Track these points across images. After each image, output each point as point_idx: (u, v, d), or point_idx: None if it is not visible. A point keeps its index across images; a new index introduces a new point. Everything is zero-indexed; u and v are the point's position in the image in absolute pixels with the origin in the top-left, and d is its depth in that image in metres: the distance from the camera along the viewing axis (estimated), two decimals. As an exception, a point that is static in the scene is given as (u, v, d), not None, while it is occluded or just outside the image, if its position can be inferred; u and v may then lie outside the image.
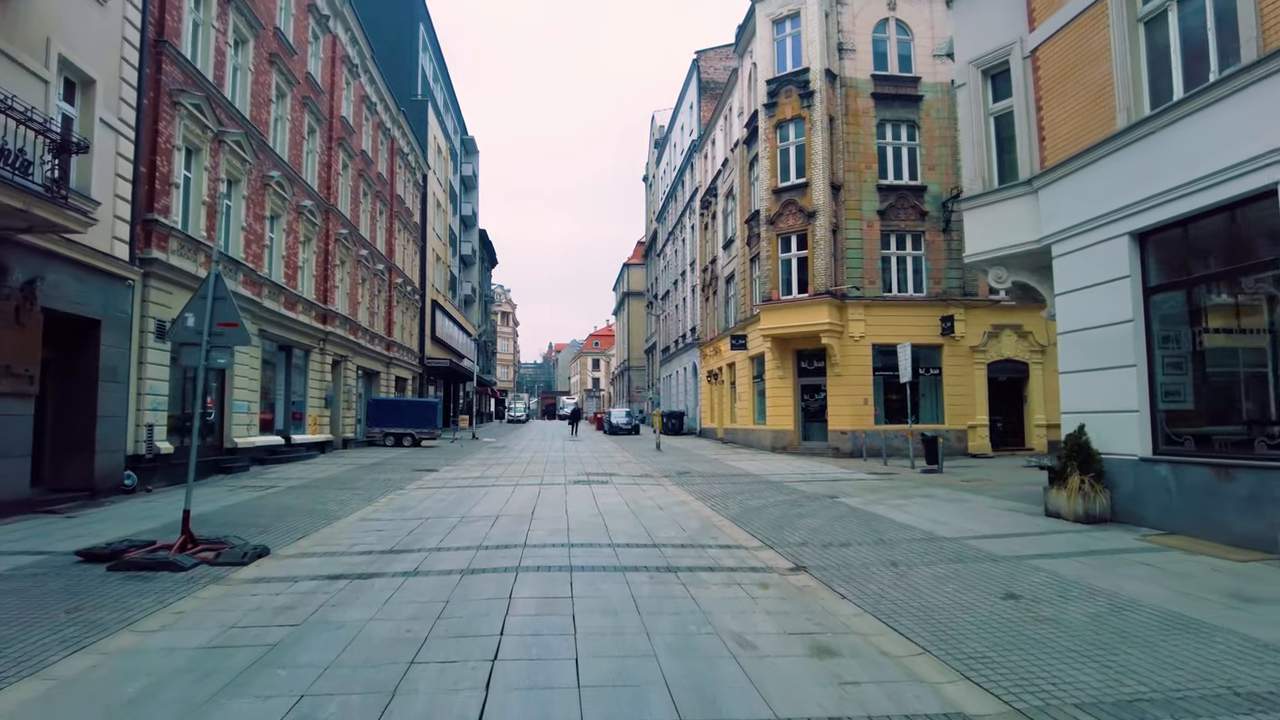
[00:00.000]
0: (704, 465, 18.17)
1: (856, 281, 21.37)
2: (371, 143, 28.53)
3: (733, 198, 27.68)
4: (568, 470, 16.96)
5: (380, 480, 14.64)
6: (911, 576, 6.30)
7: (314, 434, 21.74)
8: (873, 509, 10.35)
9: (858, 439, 20.85)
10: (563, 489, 13.06)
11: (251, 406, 17.27)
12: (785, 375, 22.09)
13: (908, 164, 22.43)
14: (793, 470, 16.58)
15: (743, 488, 13.15)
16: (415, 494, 12.41)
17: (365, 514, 10.14)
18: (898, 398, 21.84)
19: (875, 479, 14.79)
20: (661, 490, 12.90)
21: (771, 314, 21.68)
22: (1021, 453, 21.62)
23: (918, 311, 21.73)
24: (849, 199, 21.84)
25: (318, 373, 22.14)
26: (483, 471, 16.69)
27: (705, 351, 32.82)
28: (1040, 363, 22.05)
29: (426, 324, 38.31)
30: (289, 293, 19.68)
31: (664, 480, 14.65)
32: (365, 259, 27.02)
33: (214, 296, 7.46)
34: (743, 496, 11.87)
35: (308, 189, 21.22)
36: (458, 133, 56.25)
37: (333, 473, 16.23)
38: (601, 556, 7.07)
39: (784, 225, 21.75)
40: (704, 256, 33.34)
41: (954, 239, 22.01)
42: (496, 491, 12.71)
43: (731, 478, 15.06)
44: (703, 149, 33.96)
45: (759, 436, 23.94)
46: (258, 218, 17.77)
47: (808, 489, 12.90)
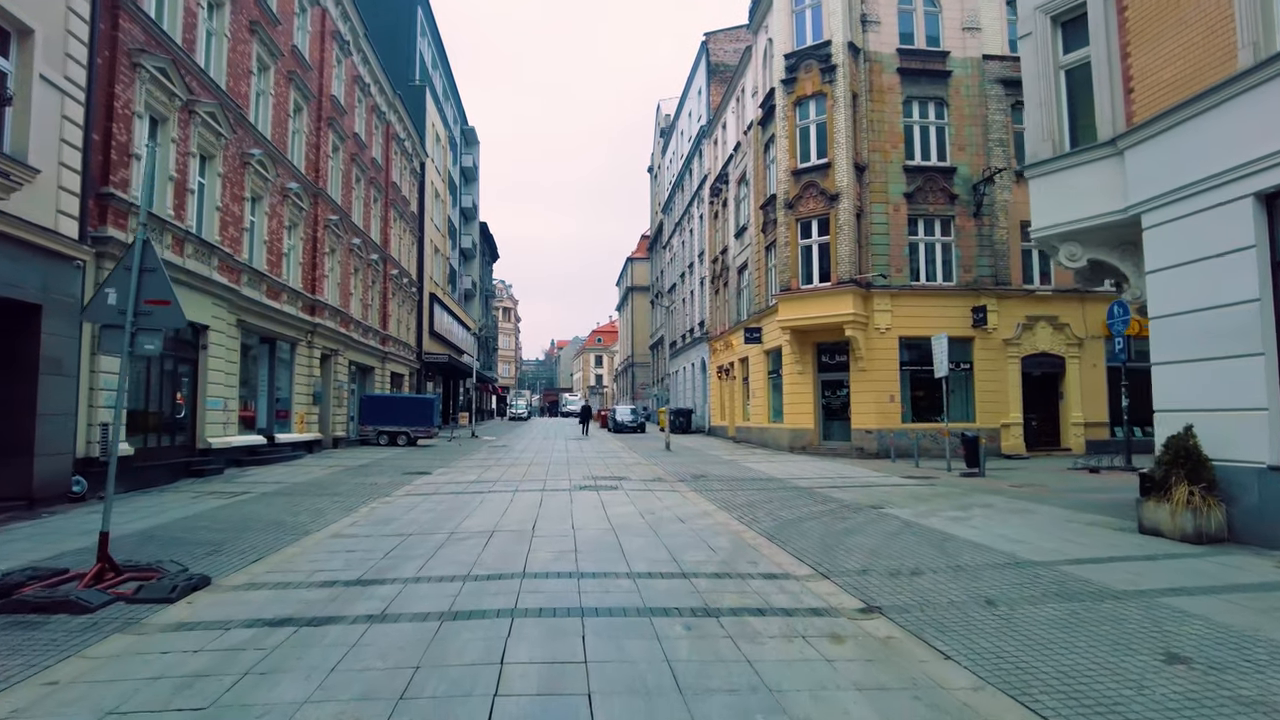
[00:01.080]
0: (720, 467, 16.75)
1: (882, 269, 19.91)
2: (365, 126, 27.11)
3: (746, 183, 26.21)
4: (572, 473, 15.55)
5: (365, 485, 13.24)
6: (1021, 622, 4.88)
7: (301, 433, 20.36)
8: (929, 522, 8.92)
9: (884, 438, 19.42)
10: (568, 496, 11.65)
11: (228, 403, 15.89)
12: (805, 370, 20.65)
13: (936, 144, 20.95)
14: (819, 473, 15.15)
15: (770, 495, 11.73)
16: (402, 502, 11.01)
17: (340, 528, 8.74)
18: (925, 394, 20.44)
19: (915, 484, 13.36)
20: (678, 498, 11.48)
21: (790, 304, 20.23)
22: (1058, 453, 20.19)
23: (947, 301, 20.27)
24: (874, 181, 20.37)
25: (305, 367, 20.75)
26: (480, 474, 15.29)
27: (715, 346, 31.37)
28: (1077, 357, 20.59)
29: (424, 318, 36.92)
30: (272, 281, 18.27)
31: (679, 485, 13.23)
32: (358, 248, 25.62)
33: (141, 267, 6.04)
34: (772, 506, 10.45)
35: (294, 171, 19.80)
36: (458, 122, 54.78)
37: (315, 475, 14.84)
38: (620, 593, 5.65)
39: (804, 209, 20.29)
40: (713, 247, 31.87)
41: (985, 224, 20.58)
42: (494, 499, 11.30)
43: (754, 482, 13.64)
44: (712, 134, 32.47)
45: (775, 436, 22.51)
46: (236, 199, 16.36)
47: (844, 496, 11.47)
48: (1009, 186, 20.77)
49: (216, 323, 15.17)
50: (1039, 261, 21.00)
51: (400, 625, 4.83)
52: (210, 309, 14.90)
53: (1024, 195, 20.80)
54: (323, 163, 22.06)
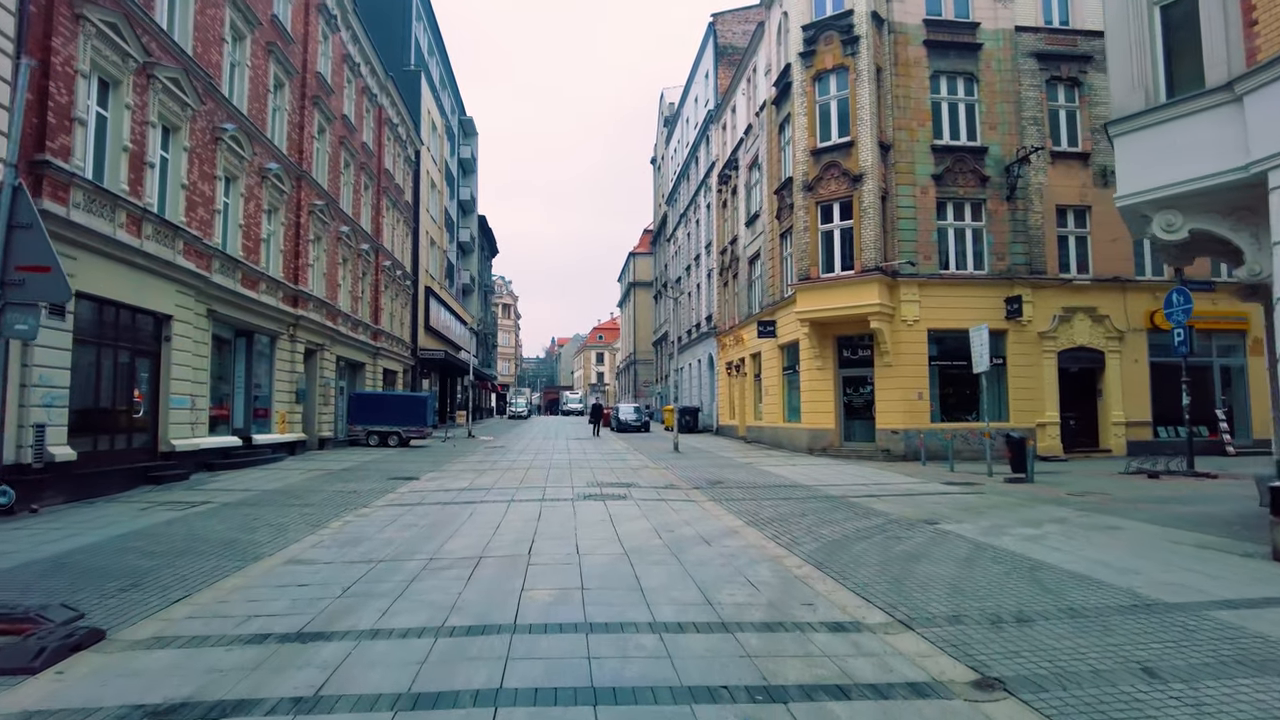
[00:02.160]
0: (737, 472, 15.29)
1: (910, 256, 18.43)
2: (355, 108, 25.62)
3: (758, 167, 24.72)
4: (575, 478, 14.10)
5: (343, 493, 11.79)
6: (1216, 709, 3.43)
7: (282, 433, 18.91)
8: (1001, 543, 7.47)
9: (912, 439, 17.97)
10: (570, 507, 10.20)
11: (197, 401, 14.44)
12: (825, 366, 19.18)
13: (965, 122, 19.46)
14: (848, 479, 13.70)
15: (801, 507, 10.27)
16: (380, 514, 9.57)
17: (300, 549, 7.30)
18: (954, 391, 19.01)
19: (959, 492, 11.91)
20: (696, 510, 10.03)
21: (810, 294, 18.76)
22: (1097, 455, 18.73)
23: (979, 291, 18.79)
24: (899, 161, 18.89)
25: (286, 362, 19.30)
26: (473, 480, 13.84)
27: (724, 341, 29.90)
28: (1118, 351, 19.12)
29: (420, 312, 35.45)
30: (248, 268, 16.81)
31: (695, 493, 11.78)
32: (347, 236, 24.15)
33: (9, 223, 4.58)
34: (808, 521, 8.99)
35: (274, 150, 18.33)
36: (455, 113, 53.27)
37: (291, 481, 13.40)
38: (643, 658, 4.20)
39: (825, 191, 18.80)
40: (722, 237, 30.39)
41: (1019, 208, 19.10)
42: (485, 511, 9.85)
43: (778, 490, 12.19)
44: (720, 120, 30.96)
45: (792, 436, 21.05)
46: (206, 177, 14.90)
47: (886, 508, 10.02)
48: (1044, 168, 19.28)
49: (182, 312, 13.72)
50: (1075, 248, 19.54)
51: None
52: (174, 297, 13.44)
53: (1060, 177, 19.40)
54: (307, 144, 20.59)
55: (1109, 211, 19.52)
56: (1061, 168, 19.40)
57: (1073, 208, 19.48)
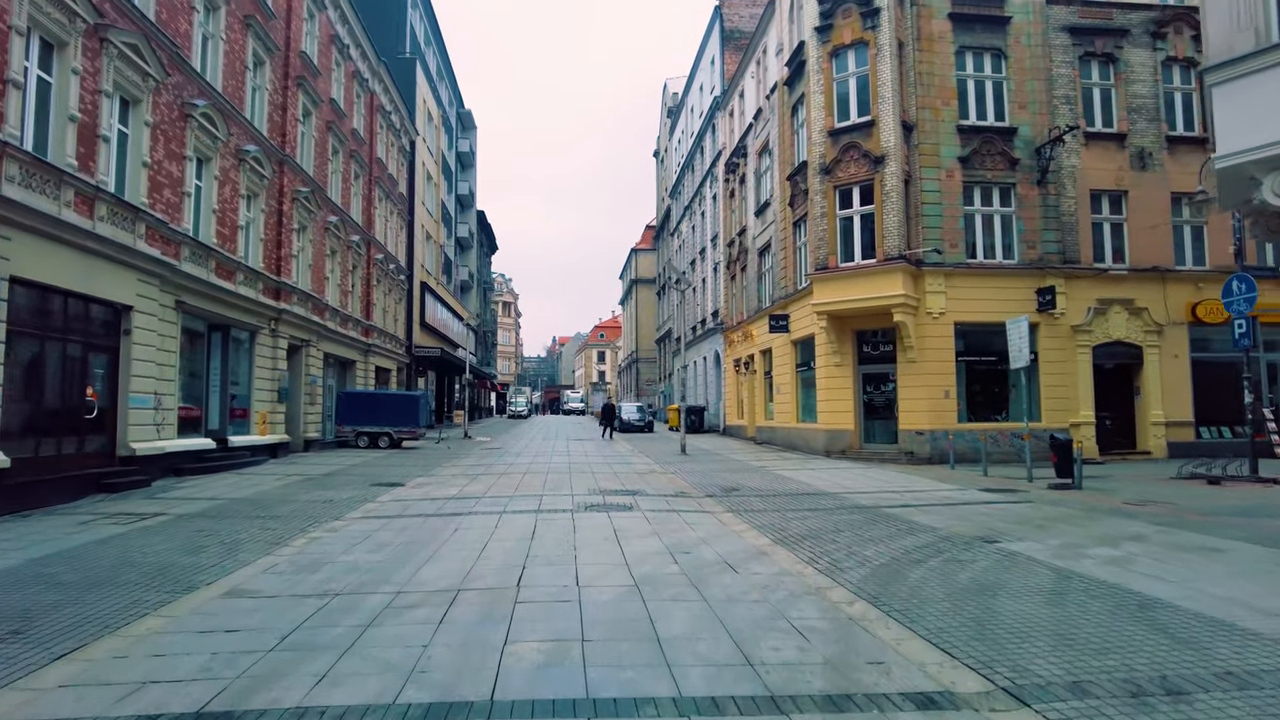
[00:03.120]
0: (751, 477, 14.05)
1: (935, 243, 17.16)
2: (344, 92, 24.38)
3: (768, 153, 23.44)
4: (575, 484, 12.86)
5: (318, 502, 10.56)
6: None
7: (262, 434, 17.68)
8: (1085, 569, 6.22)
9: (938, 440, 16.71)
10: (569, 520, 8.96)
11: (163, 400, 13.21)
12: (843, 362, 17.92)
13: (993, 101, 18.18)
14: (876, 485, 12.45)
15: (832, 519, 9.03)
16: (352, 529, 8.34)
17: (245, 578, 6.07)
18: (982, 389, 17.76)
19: (1006, 501, 10.65)
20: (714, 524, 8.78)
21: (828, 285, 17.49)
22: (1135, 457, 17.46)
23: (1008, 282, 17.52)
24: (923, 142, 17.61)
25: (267, 359, 18.07)
26: (463, 486, 12.61)
27: (731, 337, 28.62)
28: (1157, 346, 17.84)
29: (415, 308, 34.22)
30: (224, 257, 15.59)
31: (709, 503, 10.54)
32: (335, 227, 22.91)
33: None
34: (845, 539, 7.75)
35: (253, 132, 17.10)
36: (453, 105, 52.00)
37: (264, 489, 12.17)
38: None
39: (844, 174, 17.53)
40: (729, 228, 29.11)
41: (1051, 192, 17.83)
42: (473, 525, 8.62)
43: (801, 499, 10.94)
44: (727, 106, 29.69)
45: (807, 437, 19.79)
46: (173, 157, 13.68)
47: (930, 521, 8.77)
48: (1077, 150, 17.99)
49: (144, 303, 12.49)
50: (1111, 236, 18.26)
51: None
52: (134, 285, 12.22)
53: (1094, 160, 18.12)
54: (290, 127, 19.35)
55: (1147, 196, 18.30)
56: (1096, 150, 18.11)
57: (1108, 193, 18.19)
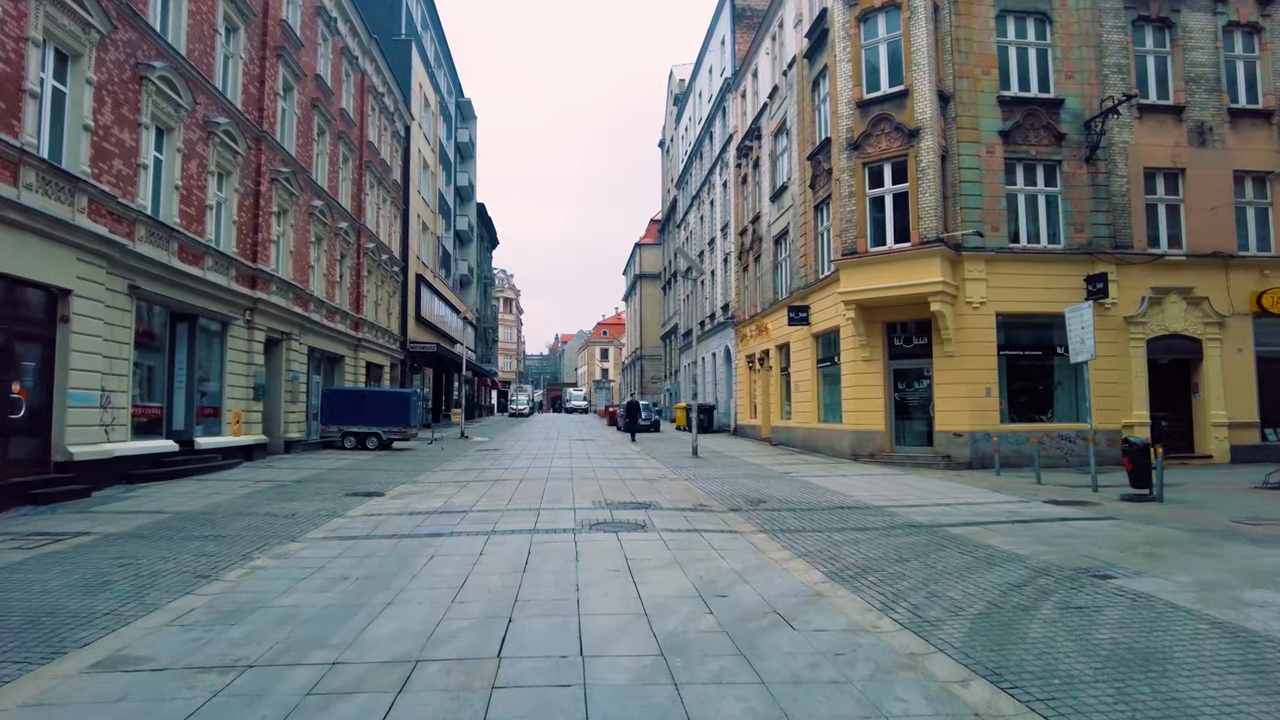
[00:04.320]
0: (777, 485, 12.47)
1: (975, 225, 15.55)
2: (331, 69, 22.82)
3: (786, 133, 21.83)
4: (578, 494, 11.29)
5: (278, 517, 9.01)
6: None
7: (236, 435, 16.15)
8: (1259, 625, 4.64)
9: (979, 443, 15.13)
10: (570, 544, 7.39)
11: (111, 398, 11.68)
12: (872, 357, 16.31)
13: (1037, 70, 16.55)
14: (923, 496, 10.86)
15: (888, 542, 7.44)
16: (305, 556, 6.79)
17: (136, 635, 4.55)
18: (1026, 386, 16.18)
19: (1082, 516, 9.06)
20: (747, 549, 7.21)
21: (856, 272, 15.88)
22: (1195, 462, 15.84)
23: (1054, 269, 15.91)
24: (961, 115, 16.00)
25: (242, 353, 16.53)
26: (450, 497, 11.04)
27: (743, 332, 27.01)
28: (1217, 339, 16.22)
29: (410, 301, 32.67)
30: (189, 240, 14.05)
31: (735, 520, 8.96)
32: (320, 212, 21.35)
33: None
34: (916, 571, 6.17)
35: (223, 103, 15.54)
36: (452, 94, 50.41)
37: (222, 499, 10.63)
38: None
39: (874, 150, 15.91)
40: (741, 216, 27.50)
41: (1101, 171, 16.20)
42: (452, 551, 7.05)
43: (842, 514, 9.36)
44: (739, 87, 28.05)
45: (831, 439, 18.19)
46: (124, 122, 12.13)
47: (1011, 546, 7.18)
48: (1130, 124, 16.36)
49: (87, 286, 10.96)
50: (1166, 219, 16.63)
51: None
52: (73, 266, 10.67)
53: (1148, 135, 16.49)
54: (269, 101, 17.79)
55: (1206, 175, 16.63)
56: (1150, 124, 16.47)
57: (1163, 171, 16.56)
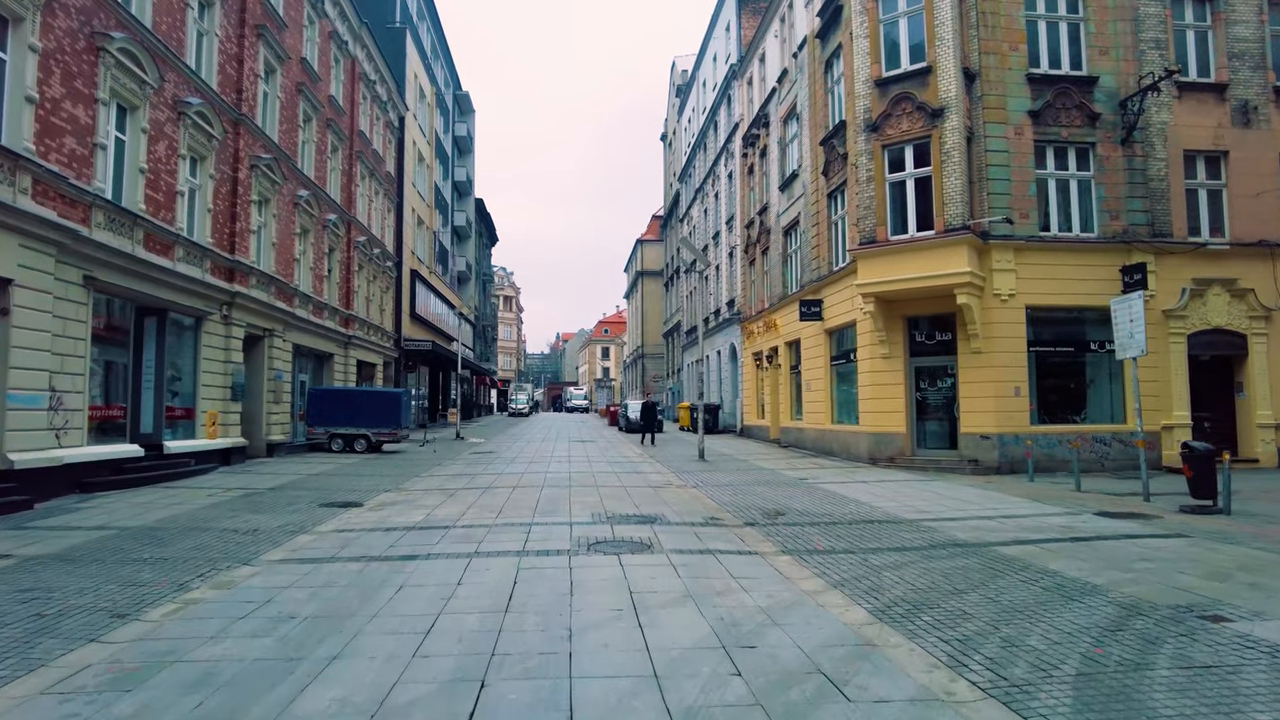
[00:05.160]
0: (794, 494, 11.38)
1: (1003, 212, 14.45)
2: (319, 53, 21.75)
3: (796, 118, 20.73)
4: (575, 504, 10.21)
5: (236, 533, 7.94)
6: None
7: (211, 438, 15.10)
8: None
9: (1007, 446, 14.05)
10: (564, 572, 6.31)
11: (64, 399, 10.62)
12: (892, 354, 15.23)
13: (1068, 45, 15.46)
14: (959, 507, 9.77)
15: (934, 566, 6.35)
16: (251, 587, 5.72)
17: (-4, 711, 3.46)
18: (1056, 385, 15.10)
19: (1148, 534, 7.97)
20: (773, 577, 6.12)
21: (875, 262, 14.80)
22: (1241, 466, 14.69)
23: (1088, 258, 14.82)
24: (988, 94, 14.90)
25: (219, 350, 15.48)
26: (434, 508, 9.97)
27: (750, 329, 25.92)
28: (1264, 334, 15.12)
29: (404, 298, 31.61)
30: (155, 228, 12.99)
31: (754, 537, 7.88)
32: (306, 202, 20.27)
33: None
34: (978, 607, 5.08)
35: (196, 82, 14.48)
36: (450, 87, 49.31)
37: (180, 511, 9.57)
38: None
39: (894, 131, 14.82)
40: (747, 208, 26.41)
41: (1137, 154, 15.08)
42: (426, 579, 5.98)
43: (876, 530, 8.27)
44: (745, 73, 26.95)
45: (846, 441, 17.10)
46: (76, 97, 11.06)
47: (1083, 573, 6.10)
48: (1168, 104, 15.25)
49: (32, 276, 9.90)
50: (1208, 205, 15.54)
51: None
52: (15, 252, 9.62)
53: (1188, 115, 15.36)
54: (249, 83, 16.72)
55: (1251, 158, 15.48)
56: (1190, 103, 15.37)
57: (1204, 153, 15.46)
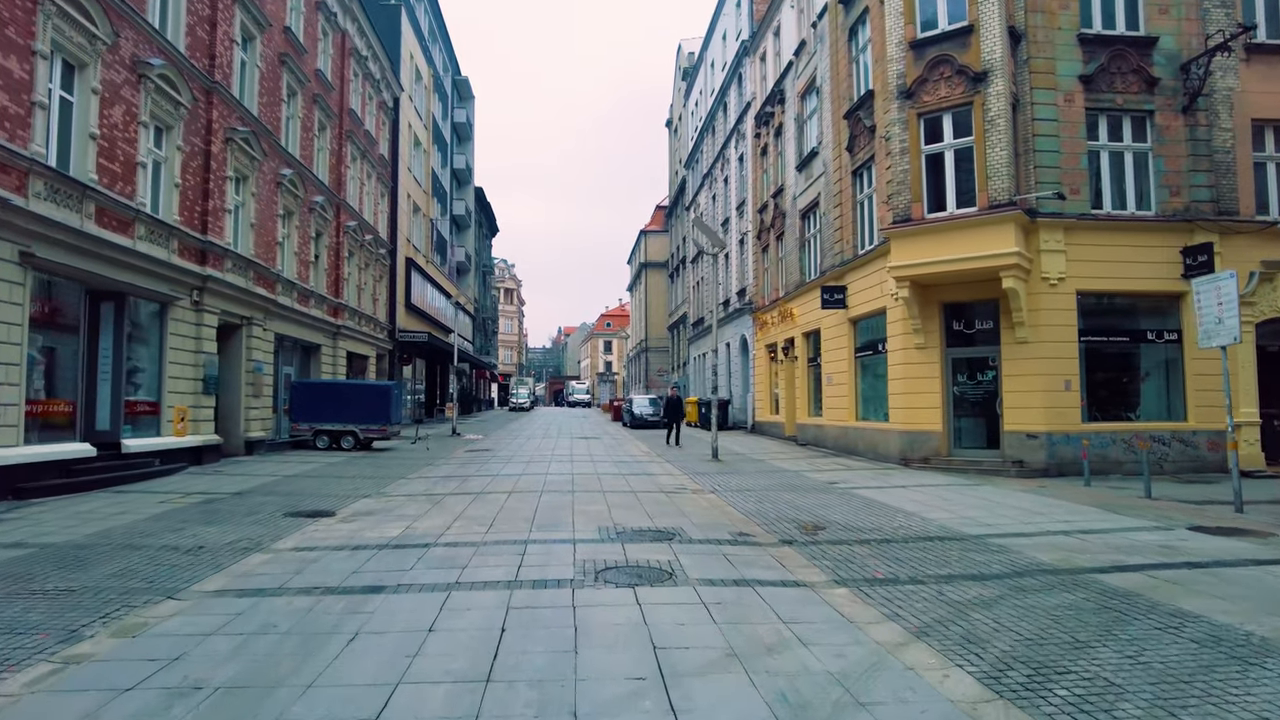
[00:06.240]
0: (828, 502, 10.00)
1: (1054, 187, 13.03)
2: (304, 24, 20.33)
3: (815, 92, 19.28)
4: (579, 515, 8.84)
5: (177, 552, 6.60)
6: None
7: (179, 435, 13.78)
8: None
9: (1056, 446, 12.68)
10: (567, 612, 4.94)
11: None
12: (927, 344, 13.84)
13: (1124, 2, 14.00)
14: (1029, 521, 8.40)
15: (1035, 604, 4.98)
16: (166, 632, 4.37)
17: None
18: (1108, 379, 13.71)
19: (1272, 558, 6.58)
20: (835, 623, 4.76)
21: (911, 243, 13.39)
22: (1312, 468, 13.33)
23: (1144, 239, 13.40)
24: (1035, 56, 13.46)
25: (188, 339, 14.14)
26: (415, 519, 8.61)
27: (763, 319, 24.51)
28: (1338, 323, 13.70)
29: (399, 287, 30.26)
30: (110, 202, 11.63)
31: (795, 561, 6.51)
32: (290, 182, 18.90)
33: None
34: (1130, 673, 3.70)
35: (159, 41, 13.10)
36: (449, 71, 47.81)
37: (124, 521, 8.23)
38: None
39: (931, 98, 13.39)
40: (760, 191, 24.98)
41: (1200, 123, 13.65)
42: (388, 624, 4.62)
43: (940, 551, 6.90)
44: (758, 49, 25.47)
45: (873, 440, 15.72)
46: (8, 46, 9.69)
47: (1241, 619, 4.72)
48: (1234, 68, 13.79)
49: (-50, 251, 8.56)
50: (1278, 180, 14.08)
51: None
52: (-73, 223, 8.27)
53: (1257, 81, 13.86)
54: (223, 48, 15.33)
55: (1325, 128, 14.10)
56: (1260, 67, 13.91)
57: (1274, 123, 14.01)
